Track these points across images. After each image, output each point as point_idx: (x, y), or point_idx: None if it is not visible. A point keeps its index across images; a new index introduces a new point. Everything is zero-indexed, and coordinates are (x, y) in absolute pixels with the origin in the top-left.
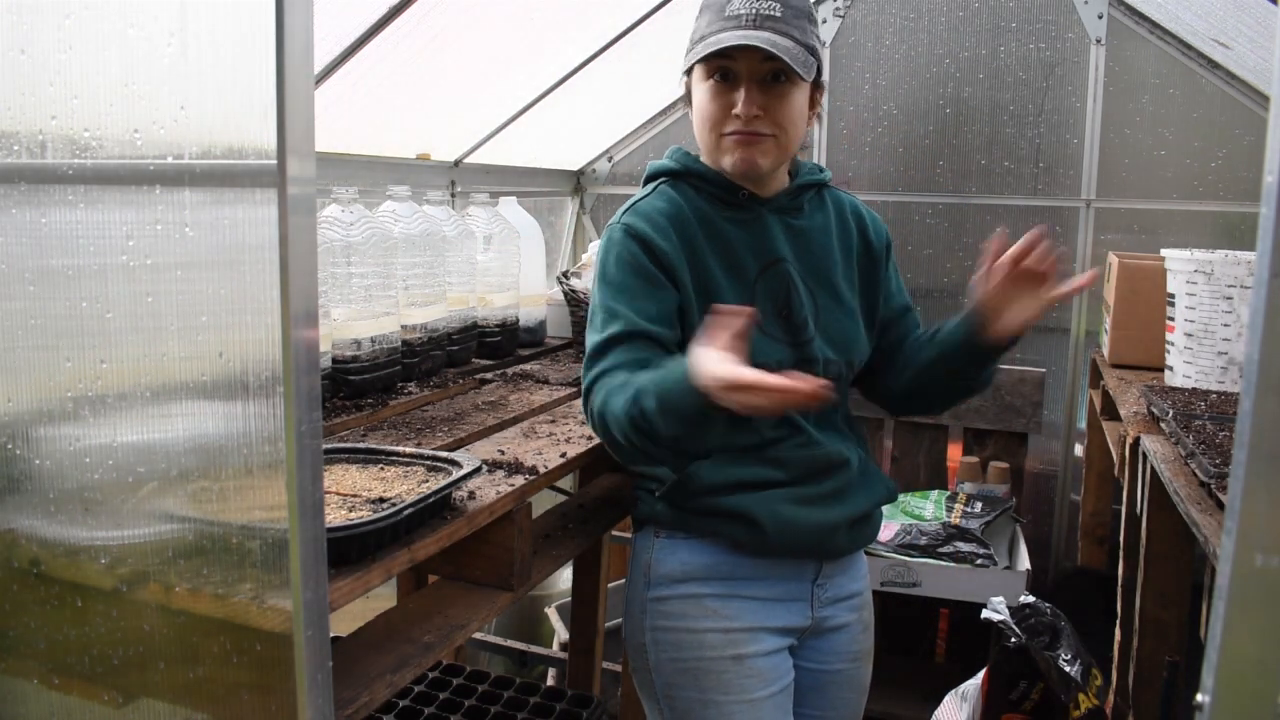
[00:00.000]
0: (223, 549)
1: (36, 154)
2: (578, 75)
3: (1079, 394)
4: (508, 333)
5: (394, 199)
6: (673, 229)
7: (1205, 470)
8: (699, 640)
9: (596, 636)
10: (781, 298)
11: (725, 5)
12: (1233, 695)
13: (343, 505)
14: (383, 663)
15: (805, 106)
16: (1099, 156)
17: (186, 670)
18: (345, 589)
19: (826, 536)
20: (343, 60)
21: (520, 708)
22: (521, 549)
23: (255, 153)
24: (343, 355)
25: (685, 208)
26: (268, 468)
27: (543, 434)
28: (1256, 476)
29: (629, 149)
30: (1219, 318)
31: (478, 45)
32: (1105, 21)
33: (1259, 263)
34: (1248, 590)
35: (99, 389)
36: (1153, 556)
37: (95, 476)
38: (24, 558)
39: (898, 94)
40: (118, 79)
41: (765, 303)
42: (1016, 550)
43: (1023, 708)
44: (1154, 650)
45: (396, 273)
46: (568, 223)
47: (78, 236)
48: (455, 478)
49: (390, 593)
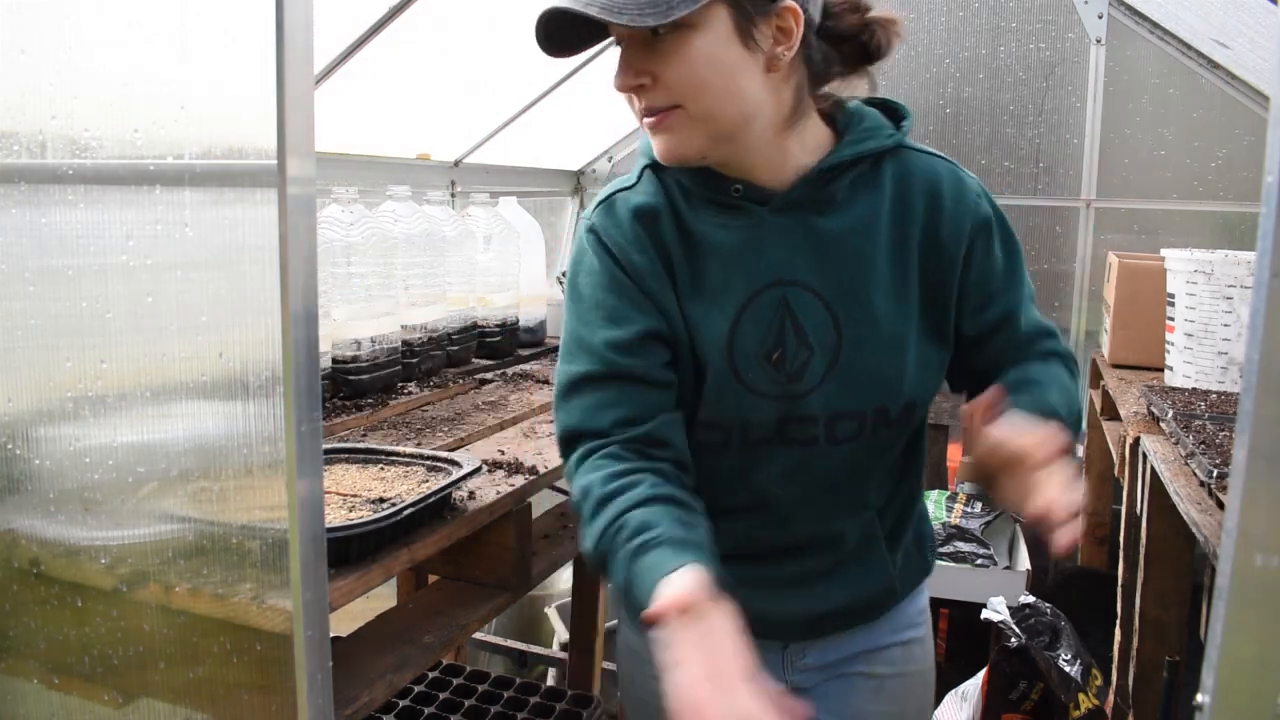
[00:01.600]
0: (223, 549)
1: (36, 154)
2: (578, 75)
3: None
4: (508, 333)
5: (394, 199)
6: (649, 239)
7: (1205, 470)
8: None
9: (596, 636)
10: (773, 336)
11: None
12: (1233, 695)
13: (343, 505)
14: (383, 663)
15: (729, 45)
16: (1099, 156)
17: (187, 670)
18: (345, 589)
19: (784, 627)
20: (343, 60)
21: (520, 708)
22: (521, 549)
23: (255, 153)
24: (343, 355)
25: (664, 209)
26: (268, 468)
27: (543, 434)
28: (1256, 476)
29: (629, 149)
30: (1219, 318)
31: (478, 45)
32: (1105, 21)
33: (1259, 263)
34: (1248, 590)
35: (99, 389)
36: (1153, 556)
37: (95, 476)
38: (24, 558)
39: (897, 94)
40: (118, 79)
41: (750, 343)
42: (1016, 550)
43: (1023, 708)
44: (1154, 650)
45: (396, 273)
46: (568, 223)
47: (78, 236)
48: (455, 478)
49: (390, 593)
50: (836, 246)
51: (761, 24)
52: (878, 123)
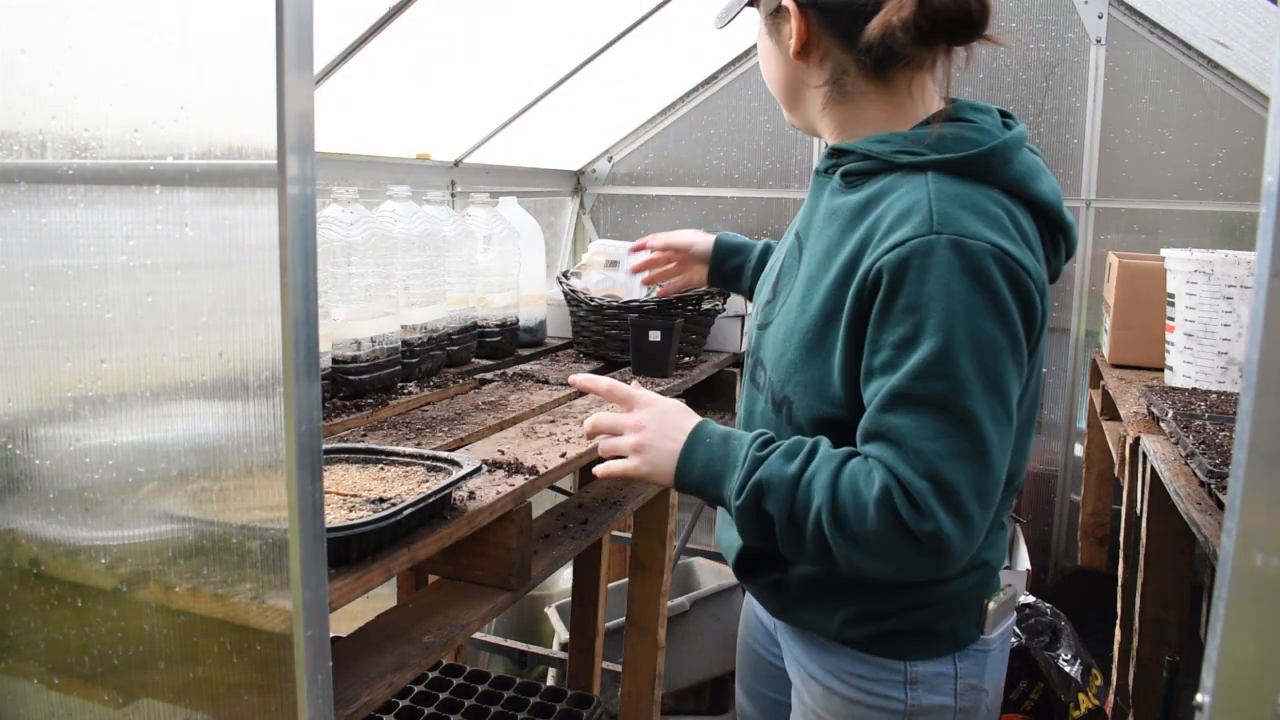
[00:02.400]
0: (223, 549)
1: (36, 154)
2: (578, 75)
3: (1079, 394)
4: (508, 333)
5: (394, 199)
6: None
7: (1205, 470)
8: None
9: (596, 636)
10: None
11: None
12: (1233, 695)
13: (343, 505)
14: (383, 663)
15: (765, 41)
16: (1099, 156)
17: (186, 670)
18: (345, 589)
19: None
20: (343, 60)
21: (520, 708)
22: (521, 549)
23: (255, 153)
24: (343, 355)
25: None
26: (268, 468)
27: (543, 434)
28: (1256, 476)
29: (629, 149)
30: (1219, 318)
31: (478, 45)
32: (1105, 21)
33: (1259, 263)
34: (1248, 590)
35: (99, 389)
36: (1153, 556)
37: (95, 476)
38: (24, 558)
39: None
40: (118, 79)
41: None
42: (1016, 550)
43: (1023, 708)
44: (1154, 650)
45: (396, 273)
46: (568, 223)
47: (78, 236)
48: (455, 478)
49: (390, 593)
50: (820, 223)
51: (780, 22)
52: (890, 136)
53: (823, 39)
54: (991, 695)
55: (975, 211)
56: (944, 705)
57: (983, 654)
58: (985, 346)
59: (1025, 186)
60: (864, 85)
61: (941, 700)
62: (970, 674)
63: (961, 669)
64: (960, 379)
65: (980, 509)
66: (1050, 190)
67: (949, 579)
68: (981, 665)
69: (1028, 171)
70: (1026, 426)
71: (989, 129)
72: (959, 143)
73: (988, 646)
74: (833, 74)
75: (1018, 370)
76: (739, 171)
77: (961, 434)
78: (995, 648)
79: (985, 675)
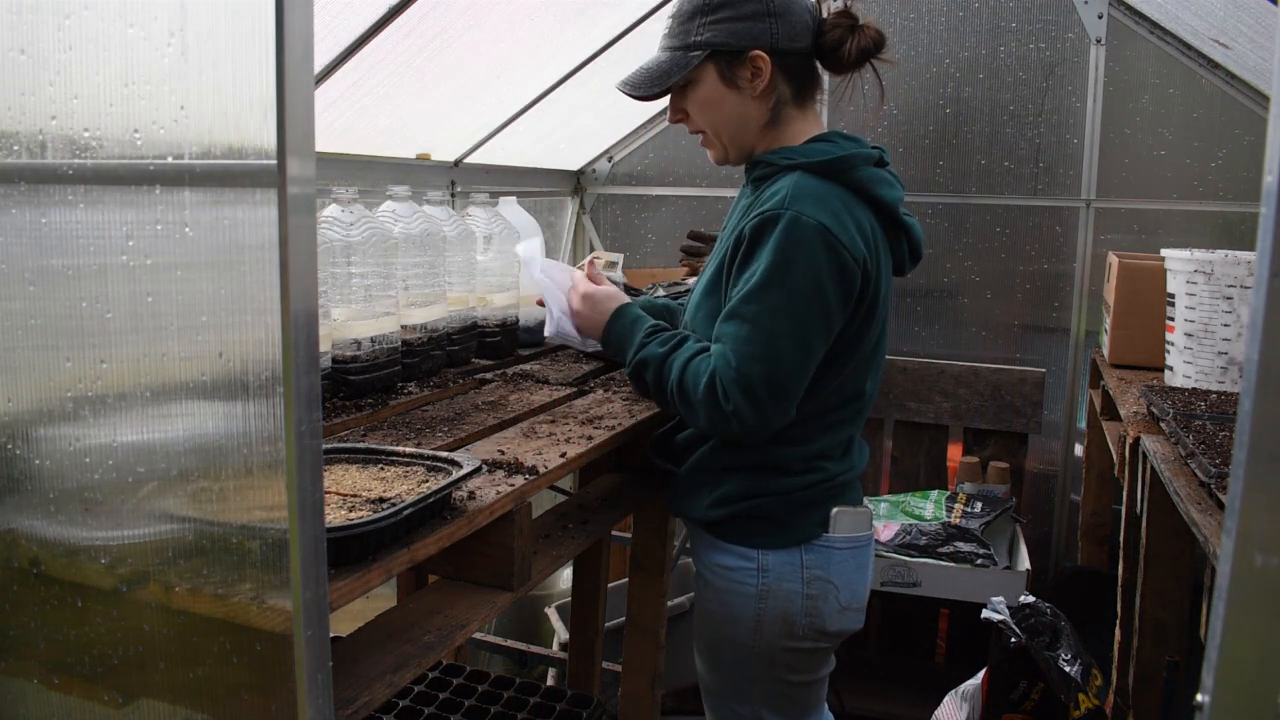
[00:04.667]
0: (223, 549)
1: (36, 154)
2: (578, 75)
3: (1079, 394)
4: (508, 333)
5: (394, 199)
6: None
7: (1205, 470)
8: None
9: (596, 636)
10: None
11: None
12: (1233, 695)
13: (343, 505)
14: (383, 663)
15: (718, 89)
16: (1099, 156)
17: (186, 670)
18: (345, 589)
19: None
20: (343, 60)
21: (520, 708)
22: (521, 549)
23: (255, 153)
24: (343, 355)
25: None
26: (268, 468)
27: (543, 434)
28: (1256, 476)
29: (629, 149)
30: (1219, 318)
31: (478, 45)
32: (1105, 21)
33: (1259, 263)
34: (1248, 590)
35: (99, 389)
36: (1153, 556)
37: (95, 476)
38: (24, 558)
39: (897, 94)
40: (118, 79)
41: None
42: (1016, 550)
43: (1023, 708)
44: (1154, 650)
45: (396, 273)
46: (568, 223)
47: (78, 236)
48: (455, 478)
49: (390, 593)
50: (735, 215)
51: (738, 69)
52: (787, 150)
53: (777, 78)
54: (843, 593)
55: (816, 200)
56: (793, 590)
57: (826, 549)
58: (795, 290)
59: (869, 190)
60: (792, 112)
61: (790, 586)
62: (816, 566)
63: (807, 560)
64: (769, 305)
65: (770, 397)
66: (891, 196)
67: (789, 474)
68: (826, 559)
69: (872, 179)
70: (872, 355)
71: (844, 146)
72: (817, 152)
73: (831, 544)
74: (776, 105)
75: (822, 314)
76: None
77: (761, 343)
78: (842, 549)
79: (831, 569)
